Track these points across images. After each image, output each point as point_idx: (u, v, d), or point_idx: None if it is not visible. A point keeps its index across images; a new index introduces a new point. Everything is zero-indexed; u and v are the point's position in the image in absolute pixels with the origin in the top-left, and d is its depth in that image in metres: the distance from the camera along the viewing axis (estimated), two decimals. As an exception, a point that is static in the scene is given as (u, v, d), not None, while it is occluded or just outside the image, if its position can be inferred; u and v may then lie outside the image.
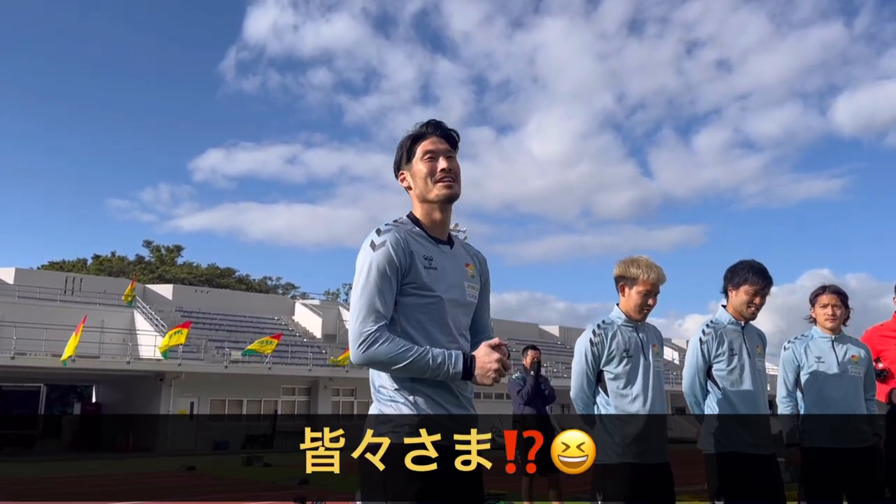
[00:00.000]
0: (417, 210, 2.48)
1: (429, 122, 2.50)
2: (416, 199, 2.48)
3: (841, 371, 4.33)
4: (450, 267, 2.44)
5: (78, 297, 35.87)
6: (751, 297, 3.94)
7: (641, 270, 3.63)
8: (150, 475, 17.74)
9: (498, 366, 2.27)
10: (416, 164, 2.46)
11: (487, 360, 2.27)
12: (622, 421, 3.57)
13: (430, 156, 2.44)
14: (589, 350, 3.67)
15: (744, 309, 3.96)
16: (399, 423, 2.28)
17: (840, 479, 4.22)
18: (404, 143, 2.50)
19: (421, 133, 2.48)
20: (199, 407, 32.30)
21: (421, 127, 2.50)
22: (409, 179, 2.48)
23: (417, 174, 2.44)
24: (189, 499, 12.21)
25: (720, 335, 3.94)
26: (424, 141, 2.46)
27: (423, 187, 2.44)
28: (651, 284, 3.61)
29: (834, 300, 4.40)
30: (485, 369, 2.25)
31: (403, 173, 2.50)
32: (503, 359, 2.27)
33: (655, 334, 3.81)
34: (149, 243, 65.63)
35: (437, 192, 2.42)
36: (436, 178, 2.42)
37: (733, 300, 4.00)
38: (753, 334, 4.03)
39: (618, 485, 3.50)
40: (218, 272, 64.16)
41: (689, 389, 3.97)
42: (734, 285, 4.00)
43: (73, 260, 61.50)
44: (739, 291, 3.97)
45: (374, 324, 2.24)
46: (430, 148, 2.45)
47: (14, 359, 27.09)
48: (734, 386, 3.87)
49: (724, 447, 3.82)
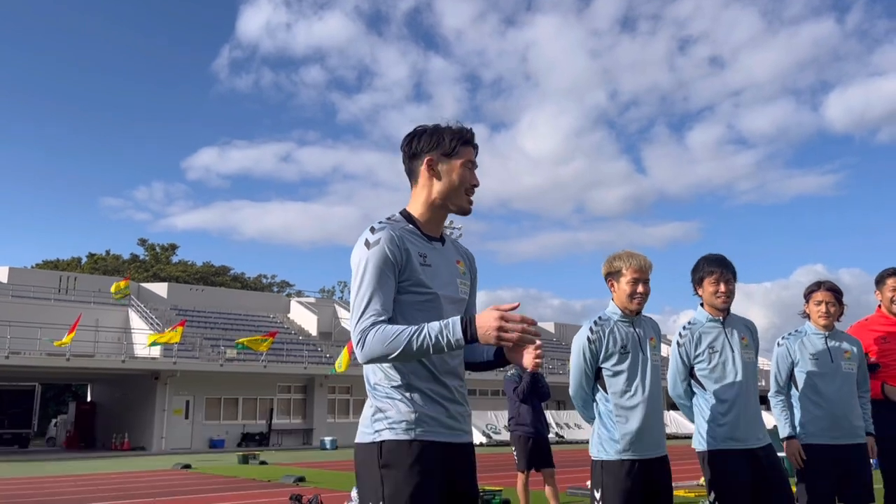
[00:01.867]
0: (418, 204, 2.46)
1: (472, 132, 2.49)
2: (427, 191, 2.44)
3: (835, 367, 4.34)
4: (443, 264, 2.44)
5: (72, 296, 35.77)
6: (715, 287, 3.95)
7: (624, 261, 3.66)
8: (145, 474, 17.70)
9: (498, 323, 2.13)
10: (455, 164, 2.43)
11: (488, 319, 2.14)
12: (620, 417, 3.56)
13: (471, 166, 2.46)
14: (587, 347, 3.66)
15: (714, 301, 3.98)
16: (396, 420, 2.27)
17: (834, 475, 4.24)
18: (447, 134, 2.44)
19: (468, 139, 2.47)
20: (194, 405, 32.24)
21: (468, 132, 2.47)
22: (440, 171, 2.43)
23: (454, 175, 2.42)
24: (185, 498, 12.19)
25: (698, 336, 3.96)
26: (469, 147, 2.46)
27: (454, 191, 2.43)
28: (636, 271, 3.62)
29: (828, 297, 4.41)
30: (484, 328, 2.14)
31: (433, 159, 2.43)
32: (505, 314, 2.15)
33: (653, 327, 3.80)
34: (143, 241, 65.50)
35: (464, 204, 2.44)
36: (469, 191, 2.45)
37: (704, 297, 4.03)
38: (738, 326, 4.01)
39: (616, 480, 3.51)
40: (213, 270, 64.03)
41: (673, 392, 4.02)
42: (698, 282, 4.05)
43: (67, 259, 61.30)
44: (704, 285, 4.01)
45: (372, 320, 2.23)
46: (473, 158, 2.46)
47: (8, 358, 26.99)
48: (719, 382, 3.87)
49: (713, 445, 3.83)
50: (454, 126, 2.47)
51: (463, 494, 2.35)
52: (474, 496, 2.40)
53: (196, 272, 61.70)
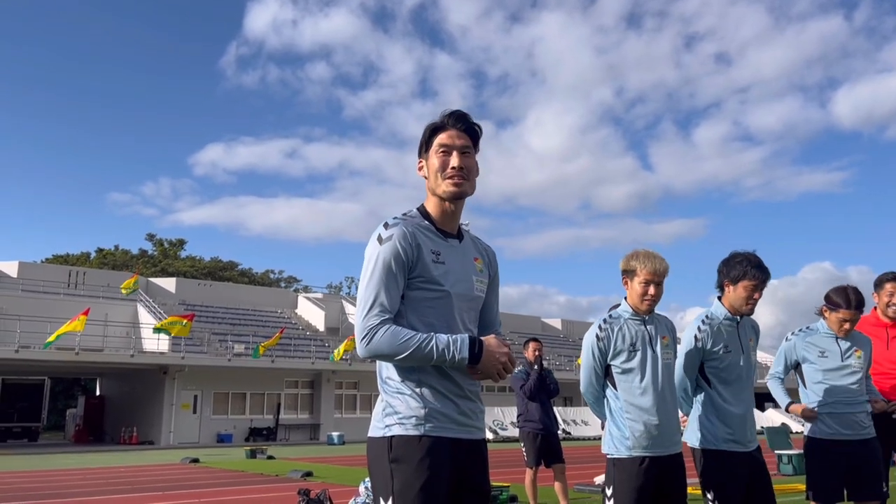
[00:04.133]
0: (429, 202, 2.46)
1: (451, 114, 2.42)
2: (428, 191, 2.46)
3: (844, 364, 4.34)
4: (458, 261, 2.42)
5: (81, 291, 35.92)
6: (750, 292, 3.79)
7: (640, 262, 3.63)
8: (153, 468, 17.79)
9: (506, 360, 2.25)
10: (431, 155, 2.42)
11: (498, 352, 2.25)
12: (631, 414, 3.55)
13: (444, 150, 2.38)
14: (595, 345, 3.66)
15: (741, 304, 3.83)
16: (406, 415, 2.27)
17: (842, 471, 4.25)
18: (425, 131, 2.45)
19: (441, 124, 2.41)
20: (202, 400, 32.38)
21: (443, 118, 2.42)
22: (426, 168, 2.44)
23: (431, 166, 2.41)
24: (193, 491, 12.24)
25: (717, 331, 3.85)
26: (443, 133, 2.40)
27: (434, 181, 2.40)
28: (650, 274, 3.60)
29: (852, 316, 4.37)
30: (492, 360, 2.23)
31: (421, 162, 2.47)
32: (511, 355, 2.24)
33: (666, 326, 3.77)
34: (152, 237, 65.75)
35: (445, 188, 2.37)
36: (446, 174, 2.36)
37: (730, 295, 3.86)
38: (748, 328, 3.97)
39: (628, 478, 3.50)
40: (220, 265, 64.20)
41: (679, 384, 3.90)
42: (731, 280, 3.84)
43: (76, 253, 61.57)
44: (738, 286, 3.81)
45: (378, 317, 2.23)
46: (446, 142, 2.39)
47: (18, 352, 27.14)
48: (728, 381, 3.82)
49: (709, 444, 3.78)
50: (435, 119, 2.46)
51: (473, 490, 2.34)
52: (486, 492, 2.38)
53: (204, 267, 61.88)
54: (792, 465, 13.88)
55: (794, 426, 34.01)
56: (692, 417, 3.93)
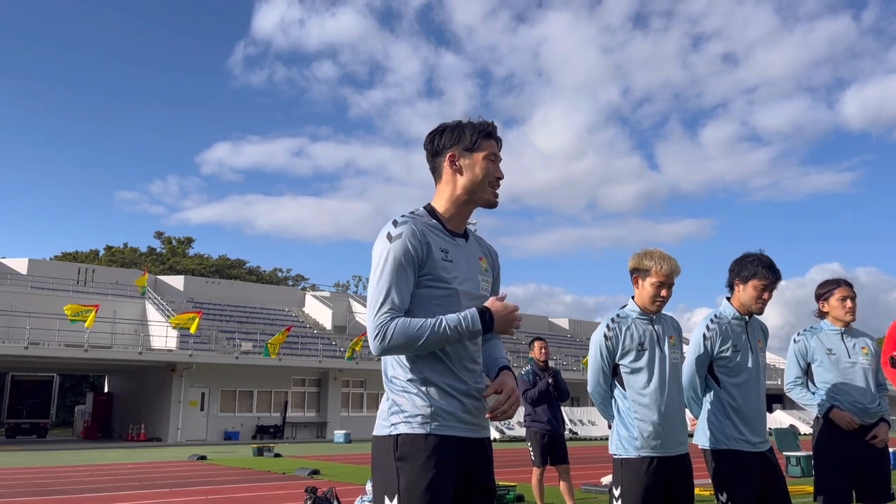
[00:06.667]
0: (442, 200, 2.46)
1: (494, 125, 2.49)
2: (452, 187, 2.44)
3: (851, 362, 4.32)
4: (464, 260, 2.43)
5: (90, 288, 36.09)
6: (760, 292, 3.80)
7: (654, 262, 3.59)
8: (161, 464, 17.86)
9: (514, 315, 2.33)
10: (478, 157, 2.43)
11: (504, 312, 2.32)
12: (639, 414, 3.54)
13: (494, 159, 2.45)
14: (603, 345, 3.64)
15: (751, 304, 3.84)
16: (412, 414, 2.27)
17: (851, 473, 4.22)
18: (468, 128, 2.45)
19: (490, 132, 2.46)
20: (209, 397, 32.48)
21: (490, 125, 2.47)
22: (463, 166, 2.43)
23: (477, 168, 2.43)
24: (201, 489, 12.28)
25: (725, 331, 3.83)
26: (491, 140, 2.46)
27: (478, 185, 2.43)
28: (664, 276, 3.57)
29: (850, 293, 4.40)
30: (503, 321, 2.32)
31: (455, 154, 2.44)
32: (515, 307, 2.33)
33: (673, 325, 3.75)
34: (160, 234, 66.00)
35: (489, 197, 2.45)
36: (493, 184, 2.44)
37: (740, 294, 3.87)
38: (756, 328, 3.95)
39: (635, 478, 3.48)
40: (228, 263, 64.37)
41: (689, 384, 3.87)
42: (742, 279, 3.86)
43: (85, 251, 61.86)
44: (748, 286, 3.83)
45: (389, 315, 2.23)
46: (496, 151, 2.46)
47: (27, 348, 27.29)
48: (737, 382, 3.79)
49: (720, 444, 3.75)
50: (475, 121, 2.47)
51: (479, 488, 2.35)
52: (491, 490, 2.38)
53: (212, 265, 62.06)
54: (800, 466, 13.83)
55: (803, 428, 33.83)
56: (702, 418, 3.90)
